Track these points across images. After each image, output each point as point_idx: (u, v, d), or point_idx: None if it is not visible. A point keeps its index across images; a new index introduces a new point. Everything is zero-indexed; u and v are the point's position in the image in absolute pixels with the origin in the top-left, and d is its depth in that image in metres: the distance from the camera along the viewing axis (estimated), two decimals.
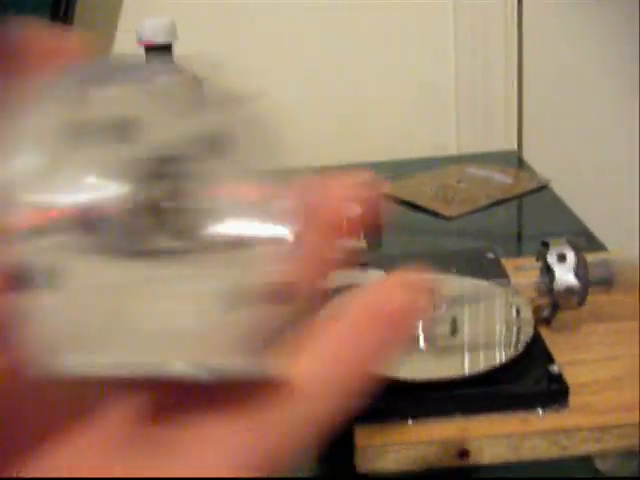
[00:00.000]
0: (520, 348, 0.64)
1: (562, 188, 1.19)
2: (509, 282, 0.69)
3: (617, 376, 0.65)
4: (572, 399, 0.61)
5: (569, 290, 0.65)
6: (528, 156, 1.42)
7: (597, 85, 1.42)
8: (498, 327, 0.66)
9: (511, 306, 0.67)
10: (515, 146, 1.46)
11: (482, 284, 0.73)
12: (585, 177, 1.41)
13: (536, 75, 1.45)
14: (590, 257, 0.68)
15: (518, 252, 0.99)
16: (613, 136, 1.45)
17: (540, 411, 0.61)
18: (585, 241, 0.69)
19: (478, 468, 0.60)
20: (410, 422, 0.61)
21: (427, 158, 1.41)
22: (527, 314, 0.68)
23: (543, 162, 1.33)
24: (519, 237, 1.06)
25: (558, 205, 1.13)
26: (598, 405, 0.62)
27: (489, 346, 0.65)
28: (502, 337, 0.66)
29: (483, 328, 0.67)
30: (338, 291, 0.71)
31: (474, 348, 0.65)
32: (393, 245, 1.05)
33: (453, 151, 1.45)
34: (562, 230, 0.96)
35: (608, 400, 0.62)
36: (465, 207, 1.13)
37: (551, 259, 0.66)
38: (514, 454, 0.60)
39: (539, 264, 0.68)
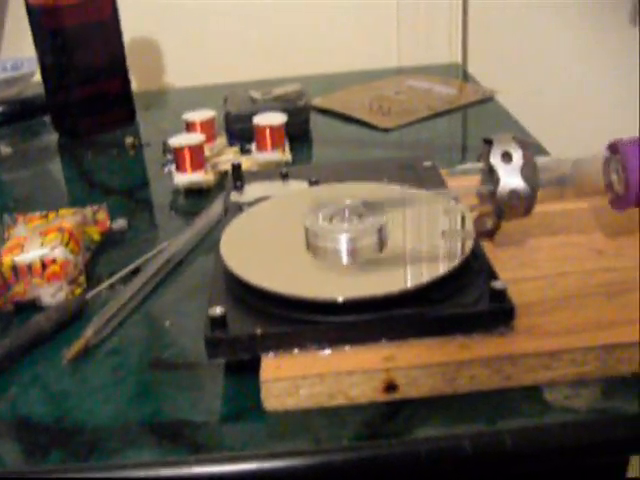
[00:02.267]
0: (457, 262, 0.54)
1: (508, 103, 1.09)
2: (446, 188, 0.59)
3: (567, 295, 0.56)
4: (517, 321, 0.52)
5: (515, 194, 0.55)
6: (472, 70, 1.32)
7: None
8: (433, 239, 0.57)
9: (448, 215, 0.58)
10: (459, 59, 1.35)
11: (414, 191, 0.63)
12: (531, 92, 1.32)
13: None
14: (540, 159, 0.58)
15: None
16: (560, 50, 1.36)
17: (480, 335, 0.51)
18: (534, 147, 0.59)
19: (406, 403, 0.50)
20: (327, 351, 0.51)
21: (364, 71, 1.30)
22: (467, 224, 0.58)
23: (488, 76, 1.23)
24: (462, 150, 0.96)
25: (504, 117, 1.04)
26: (547, 327, 0.53)
27: (422, 260, 0.55)
28: (437, 250, 0.56)
29: (415, 240, 0.57)
30: (259, 201, 0.61)
31: (404, 263, 0.55)
32: (322, 158, 0.95)
33: (393, 64, 1.34)
34: None
35: (558, 322, 0.53)
36: (403, 119, 1.03)
37: (494, 159, 0.56)
38: (450, 386, 0.51)
39: (480, 165, 0.58)
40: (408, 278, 0.53)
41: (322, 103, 1.11)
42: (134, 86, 1.16)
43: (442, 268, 0.54)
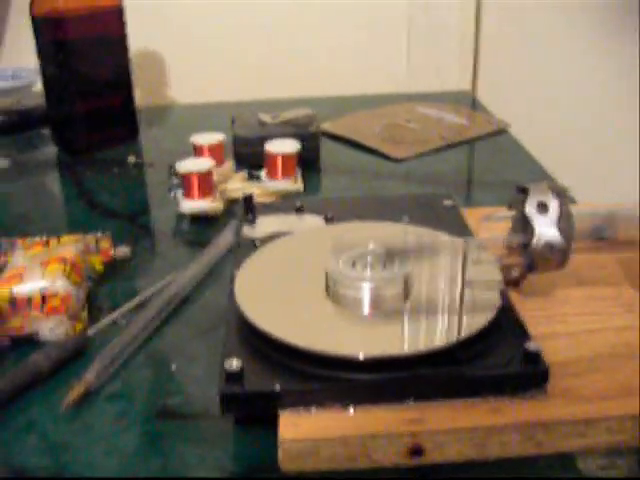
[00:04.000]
0: (488, 318, 0.51)
1: (520, 134, 1.07)
2: (474, 235, 0.56)
3: (599, 355, 0.53)
4: (549, 383, 0.49)
5: (550, 246, 0.52)
6: (482, 97, 1.29)
7: (558, 24, 1.29)
8: (461, 291, 0.53)
9: (477, 265, 0.54)
10: (469, 86, 1.33)
11: (441, 236, 0.60)
12: (544, 123, 1.29)
13: (494, 12, 1.32)
14: (575, 209, 0.56)
15: (475, 200, 0.86)
16: (574, 80, 1.33)
17: (512, 398, 0.48)
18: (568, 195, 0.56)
19: (435, 468, 0.47)
20: (350, 410, 0.48)
21: (371, 95, 1.28)
22: (495, 275, 0.55)
23: (497, 104, 1.20)
24: (474, 183, 0.94)
25: (518, 151, 1.01)
26: (580, 391, 0.50)
27: (450, 315, 0.52)
28: (465, 304, 0.53)
29: (440, 291, 0.54)
30: (274, 237, 0.57)
31: (431, 317, 0.52)
32: (333, 187, 0.91)
33: (401, 89, 1.31)
34: (523, 178, 0.83)
35: (591, 385, 0.50)
36: (415, 149, 1.00)
37: (530, 208, 0.53)
38: (479, 451, 0.47)
39: (510, 214, 0.55)
40: (436, 335, 0.50)
41: (331, 128, 1.08)
42: (138, 100, 1.13)
43: (472, 325, 0.50)
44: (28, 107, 1.17)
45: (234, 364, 0.47)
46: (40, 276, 0.61)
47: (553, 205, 0.53)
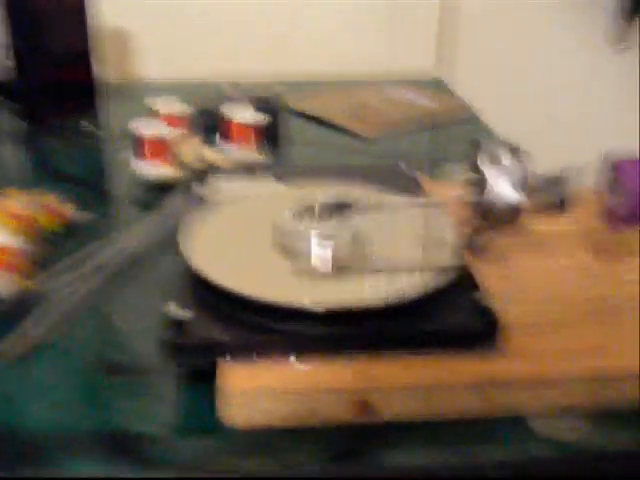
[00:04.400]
0: (442, 275, 0.50)
1: (495, 119, 1.06)
2: (429, 196, 0.54)
3: (557, 318, 0.53)
4: (504, 343, 0.48)
5: (502, 199, 0.51)
6: (458, 84, 1.28)
7: (540, 12, 1.30)
8: (415, 248, 0.52)
9: (431, 224, 0.53)
10: (444, 72, 1.32)
11: (397, 198, 0.59)
12: (517, 110, 1.29)
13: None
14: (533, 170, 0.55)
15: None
16: (547, 66, 1.33)
17: (464, 355, 0.47)
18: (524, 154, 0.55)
19: (379, 425, 0.46)
20: (294, 361, 0.46)
21: (345, 77, 1.26)
22: (451, 234, 0.54)
23: (472, 91, 1.19)
24: (440, 163, 0.92)
25: (487, 134, 1.00)
26: (535, 351, 0.49)
27: (403, 272, 0.51)
28: (422, 262, 0.52)
29: (396, 249, 0.53)
30: (231, 200, 0.56)
31: (385, 273, 0.51)
32: (297, 162, 0.90)
33: (376, 72, 1.30)
34: None
35: (547, 346, 0.49)
36: (383, 128, 0.99)
37: (482, 161, 0.52)
38: (428, 408, 0.46)
39: (465, 167, 0.54)
40: (389, 290, 0.48)
41: (300, 106, 1.06)
42: (106, 76, 1.11)
43: (425, 281, 0.49)
44: None
45: (177, 312, 0.46)
46: None
47: (505, 157, 0.52)
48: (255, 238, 0.55)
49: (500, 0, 1.30)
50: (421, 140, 0.98)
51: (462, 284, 0.51)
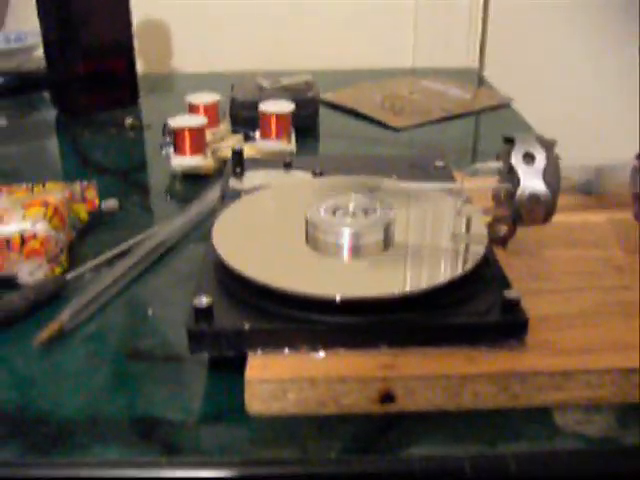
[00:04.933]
0: (468, 267, 0.50)
1: (525, 111, 1.05)
2: (460, 188, 0.54)
3: (583, 312, 0.52)
4: (529, 336, 0.48)
5: (535, 198, 0.51)
6: (489, 75, 1.27)
7: (568, 6, 1.28)
8: (443, 240, 0.52)
9: (460, 217, 0.53)
10: (476, 63, 1.31)
11: (425, 188, 0.59)
12: (549, 102, 1.28)
13: None
14: (564, 163, 0.54)
15: None
16: (579, 59, 1.32)
17: (489, 348, 0.47)
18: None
19: (402, 416, 0.46)
20: (320, 353, 0.47)
21: (377, 69, 1.26)
22: (480, 227, 0.54)
23: (504, 83, 1.19)
24: (475, 154, 0.92)
25: (520, 125, 0.99)
26: (560, 345, 0.49)
27: (430, 263, 0.51)
28: (447, 253, 0.52)
29: (423, 241, 0.53)
30: (258, 189, 0.56)
31: (410, 264, 0.51)
32: (328, 151, 0.90)
33: (407, 64, 1.30)
34: None
35: (573, 340, 0.49)
36: (415, 119, 0.99)
37: (515, 159, 0.52)
38: (452, 401, 0.46)
39: (498, 165, 0.54)
40: (414, 281, 0.49)
41: (332, 98, 1.06)
42: (142, 68, 1.12)
43: (451, 273, 0.49)
44: (30, 70, 1.16)
45: (203, 301, 0.46)
46: (21, 218, 0.60)
47: (539, 156, 0.51)
48: (284, 229, 0.56)
49: None
50: (453, 131, 0.98)
51: (489, 276, 0.51)
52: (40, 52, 1.07)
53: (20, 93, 1.15)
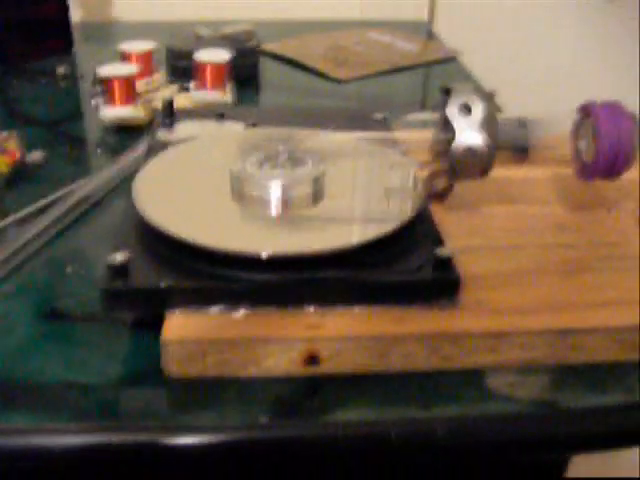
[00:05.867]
0: (399, 223, 0.47)
1: (472, 66, 1.02)
2: (394, 140, 0.52)
3: (520, 270, 0.50)
4: (462, 295, 0.46)
5: (471, 151, 0.49)
6: (438, 29, 1.25)
7: None
8: (374, 195, 0.50)
9: (394, 170, 0.51)
10: (425, 16, 1.28)
11: (359, 141, 0.56)
12: (500, 58, 1.25)
13: None
14: (502, 116, 0.52)
15: None
16: (535, 16, 1.29)
17: (419, 308, 0.45)
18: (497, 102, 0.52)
19: (327, 379, 0.44)
20: (240, 312, 0.44)
21: (323, 20, 1.22)
22: (414, 181, 0.51)
23: (454, 37, 1.16)
24: (416, 107, 0.89)
25: (466, 79, 0.97)
26: (495, 304, 0.47)
27: (360, 219, 0.49)
28: (379, 209, 0.49)
29: (355, 196, 0.50)
30: (188, 140, 0.53)
31: (339, 219, 0.48)
32: (267, 103, 0.87)
33: (355, 15, 1.26)
34: None
35: (507, 299, 0.47)
36: (359, 71, 0.96)
37: (451, 110, 0.49)
38: (380, 363, 0.44)
39: (432, 116, 0.52)
40: (342, 237, 0.46)
41: (274, 48, 1.03)
42: (79, 16, 1.07)
43: (381, 229, 0.47)
44: None
45: (118, 257, 0.44)
46: None
47: (477, 108, 0.49)
48: (210, 183, 0.53)
49: None
50: (398, 83, 0.95)
51: (422, 233, 0.49)
52: None
53: None
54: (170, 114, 0.64)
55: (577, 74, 1.27)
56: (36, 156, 0.69)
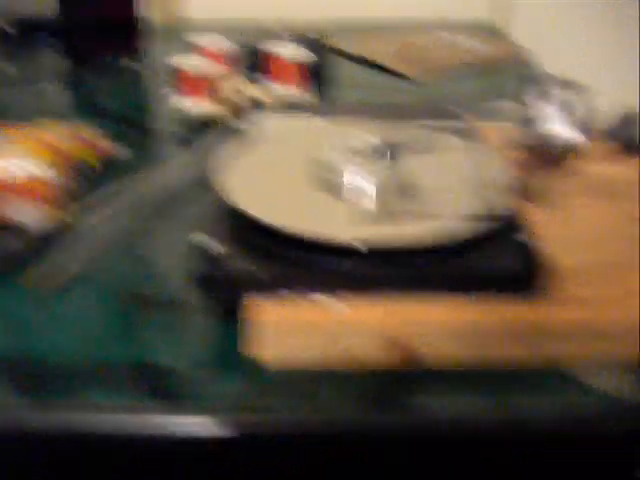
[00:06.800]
0: (490, 217, 0.47)
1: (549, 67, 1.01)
2: (479, 138, 0.51)
3: (610, 263, 0.49)
4: (551, 286, 0.45)
5: (562, 144, 0.48)
6: (510, 30, 1.23)
7: None
8: (463, 191, 0.49)
9: (482, 166, 0.50)
10: (497, 17, 1.27)
11: (446, 138, 0.56)
12: (573, 58, 1.23)
13: None
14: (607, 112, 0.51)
15: None
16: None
17: (508, 299, 0.45)
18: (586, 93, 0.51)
19: (420, 372, 0.43)
20: (331, 299, 0.44)
21: (394, 19, 1.22)
22: (502, 177, 0.51)
23: (528, 38, 1.14)
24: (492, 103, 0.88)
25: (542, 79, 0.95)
26: (584, 296, 0.46)
27: (450, 212, 0.48)
28: (470, 202, 0.49)
29: (443, 192, 0.50)
30: (272, 136, 0.53)
31: (430, 213, 0.48)
32: (341, 101, 0.87)
33: (426, 15, 1.25)
34: None
35: (597, 291, 0.46)
36: (432, 70, 0.95)
37: (547, 103, 0.48)
38: (470, 354, 0.44)
39: (521, 107, 0.51)
40: (432, 230, 0.46)
41: (347, 47, 1.03)
42: (147, 13, 1.08)
43: (473, 225, 0.46)
44: (37, 15, 1.13)
45: (208, 244, 0.44)
46: (23, 158, 0.57)
47: (568, 99, 0.48)
48: (295, 174, 0.53)
49: None
50: (470, 84, 0.95)
51: (511, 228, 0.48)
52: None
53: (26, 39, 1.12)
54: (252, 109, 0.65)
55: None
56: (120, 151, 0.71)
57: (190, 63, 0.78)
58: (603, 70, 1.12)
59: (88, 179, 0.65)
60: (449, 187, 0.51)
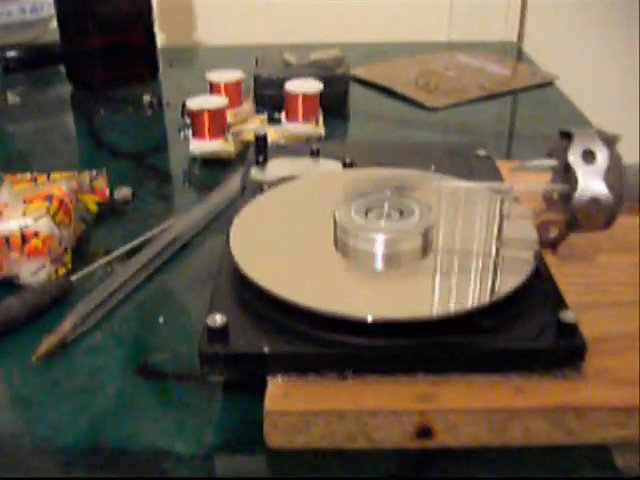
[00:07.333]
0: (517, 282, 0.44)
1: (568, 88, 0.98)
2: (509, 187, 0.48)
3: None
4: (586, 362, 0.42)
5: (595, 202, 0.45)
6: (529, 49, 1.20)
7: None
8: (487, 247, 0.46)
9: (509, 220, 0.47)
10: (515, 37, 1.24)
11: (469, 186, 0.53)
12: (592, 76, 1.20)
13: None
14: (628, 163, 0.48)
15: (514, 154, 0.79)
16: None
17: (540, 377, 0.41)
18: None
19: (441, 453, 0.40)
20: (349, 381, 0.41)
21: (411, 42, 1.19)
22: (530, 232, 0.48)
23: (545, 57, 1.12)
24: (514, 136, 0.86)
25: (564, 105, 0.92)
26: (621, 372, 0.43)
27: (473, 276, 0.45)
28: (494, 264, 0.46)
29: (466, 247, 0.47)
30: (282, 181, 0.50)
31: (451, 277, 0.45)
32: (359, 135, 0.84)
33: (443, 38, 1.23)
34: None
35: (634, 366, 0.43)
36: (451, 98, 0.92)
37: (574, 157, 0.45)
38: (498, 437, 0.41)
39: (549, 163, 0.48)
40: (456, 298, 0.43)
41: (363, 74, 1.00)
42: (162, 41, 1.06)
43: (498, 288, 0.43)
44: (46, 43, 1.11)
45: (218, 320, 0.41)
46: (21, 213, 0.54)
47: (601, 154, 0.45)
48: (311, 231, 0.50)
49: None
50: (491, 110, 0.92)
51: (541, 291, 0.45)
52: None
53: (35, 67, 1.10)
54: (263, 150, 0.62)
55: None
56: (124, 192, 0.68)
57: (205, 102, 0.75)
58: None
59: (91, 227, 0.62)
60: (472, 244, 0.47)
